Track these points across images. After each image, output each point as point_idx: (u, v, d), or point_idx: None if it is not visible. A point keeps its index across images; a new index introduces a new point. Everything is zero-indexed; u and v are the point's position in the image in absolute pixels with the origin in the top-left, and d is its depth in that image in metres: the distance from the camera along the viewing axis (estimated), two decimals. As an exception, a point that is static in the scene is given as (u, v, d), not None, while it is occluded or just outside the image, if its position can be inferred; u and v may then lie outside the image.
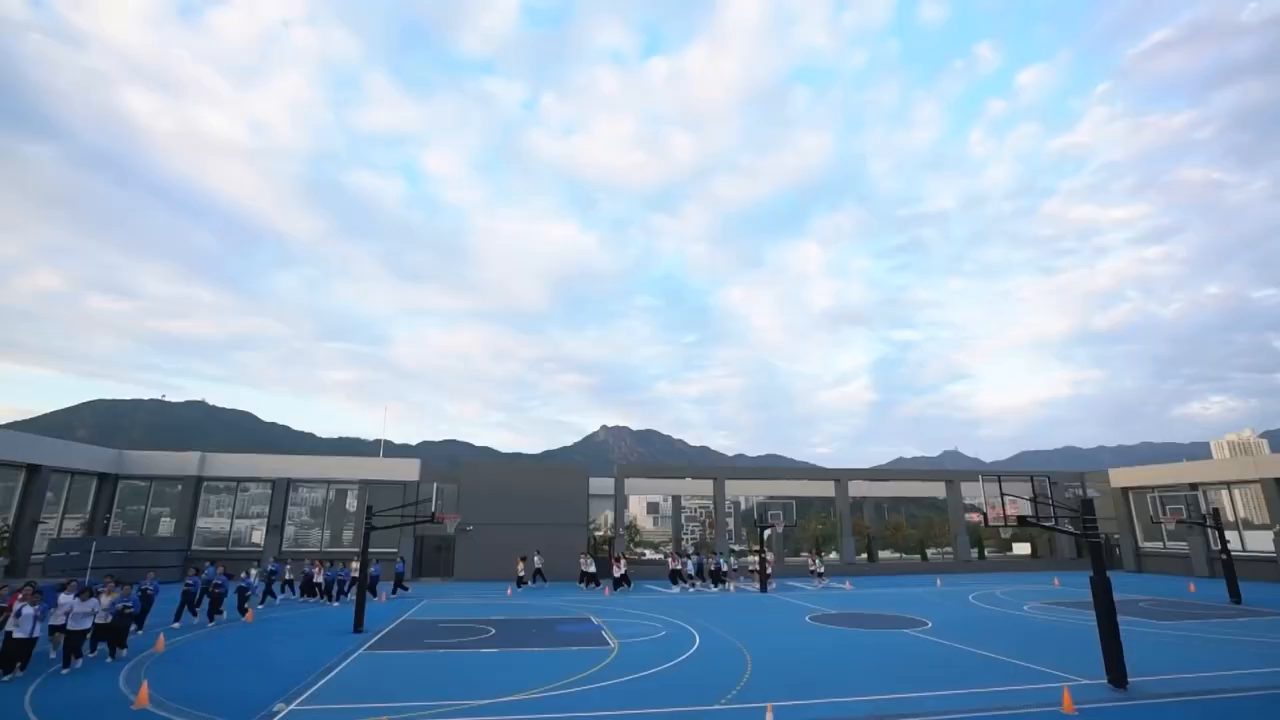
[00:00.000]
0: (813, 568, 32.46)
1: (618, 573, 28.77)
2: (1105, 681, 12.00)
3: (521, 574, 29.11)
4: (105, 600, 14.29)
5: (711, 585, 30.06)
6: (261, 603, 23.01)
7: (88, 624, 13.62)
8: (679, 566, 30.67)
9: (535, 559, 30.15)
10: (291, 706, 10.76)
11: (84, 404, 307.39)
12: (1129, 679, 11.91)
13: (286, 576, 25.08)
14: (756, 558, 31.91)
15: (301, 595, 25.01)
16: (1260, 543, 31.89)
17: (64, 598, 13.83)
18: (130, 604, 15.08)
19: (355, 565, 24.76)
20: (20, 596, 13.21)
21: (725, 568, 30.98)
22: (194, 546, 32.24)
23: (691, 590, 28.91)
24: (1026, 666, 13.61)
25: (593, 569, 29.38)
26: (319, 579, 24.80)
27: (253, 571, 22.53)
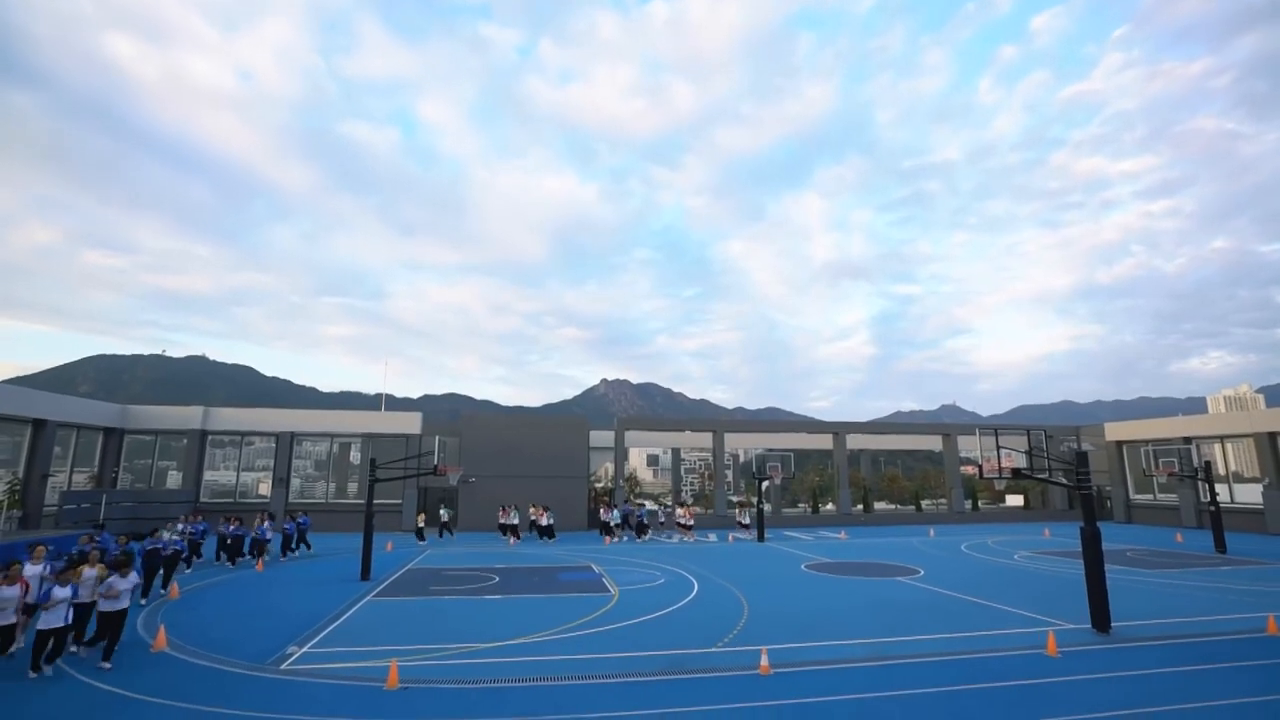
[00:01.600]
0: (741, 519, 31.82)
1: (545, 521, 28.46)
2: (1089, 626, 12.42)
3: (421, 525, 28.10)
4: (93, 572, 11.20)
5: (636, 536, 29.80)
6: (190, 568, 19.80)
7: (126, 603, 10.81)
8: (608, 518, 30.00)
9: (442, 513, 29.46)
10: (304, 649, 11.16)
11: (85, 359, 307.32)
12: (1112, 624, 12.33)
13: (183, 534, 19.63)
14: (682, 510, 31.85)
15: (219, 557, 21.34)
16: (1249, 495, 32.47)
17: (30, 569, 11.06)
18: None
19: (268, 523, 22.38)
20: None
21: (645, 520, 30.91)
22: (202, 499, 32.85)
23: (617, 542, 28.48)
24: (1014, 612, 14.05)
25: (515, 521, 28.90)
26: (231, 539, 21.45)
27: (164, 534, 18.49)
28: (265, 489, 34.72)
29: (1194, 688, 9.21)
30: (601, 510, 31.04)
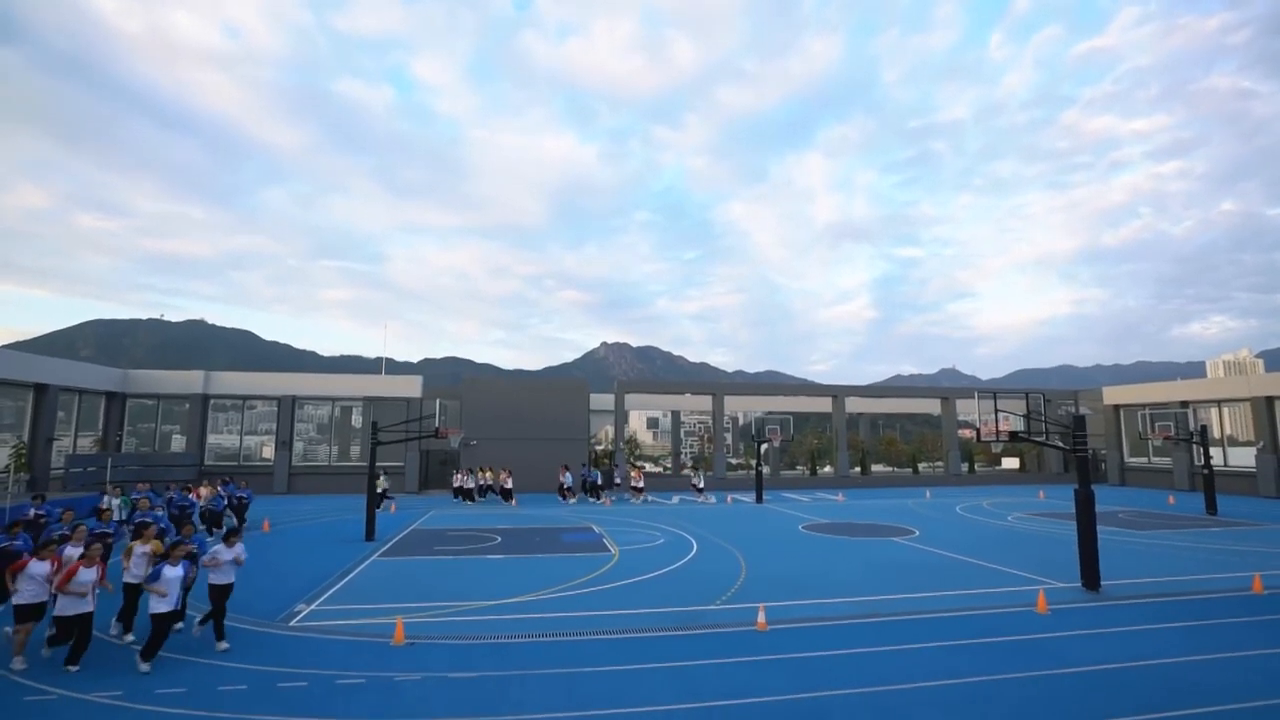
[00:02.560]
0: (695, 482, 32.06)
1: (508, 485, 28.56)
2: (1079, 585, 12.69)
3: (380, 492, 26.37)
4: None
5: (589, 498, 29.75)
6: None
7: (231, 577, 9.77)
8: (562, 480, 29.63)
9: (381, 479, 27.40)
10: (312, 607, 11.43)
11: (84, 324, 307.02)
12: (1101, 583, 12.60)
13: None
14: (634, 473, 31.66)
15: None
16: (1242, 458, 32.80)
17: (70, 550, 9.51)
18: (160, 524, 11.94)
19: (204, 491, 20.17)
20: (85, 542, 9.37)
21: (600, 481, 30.72)
22: (206, 462, 33.19)
23: (574, 503, 28.46)
24: (1007, 571, 14.34)
25: (471, 484, 28.87)
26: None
27: (113, 502, 16.54)
28: (269, 452, 35.06)
29: (1178, 643, 9.46)
30: (561, 473, 30.34)
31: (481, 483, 29.41)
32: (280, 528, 21.27)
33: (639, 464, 35.01)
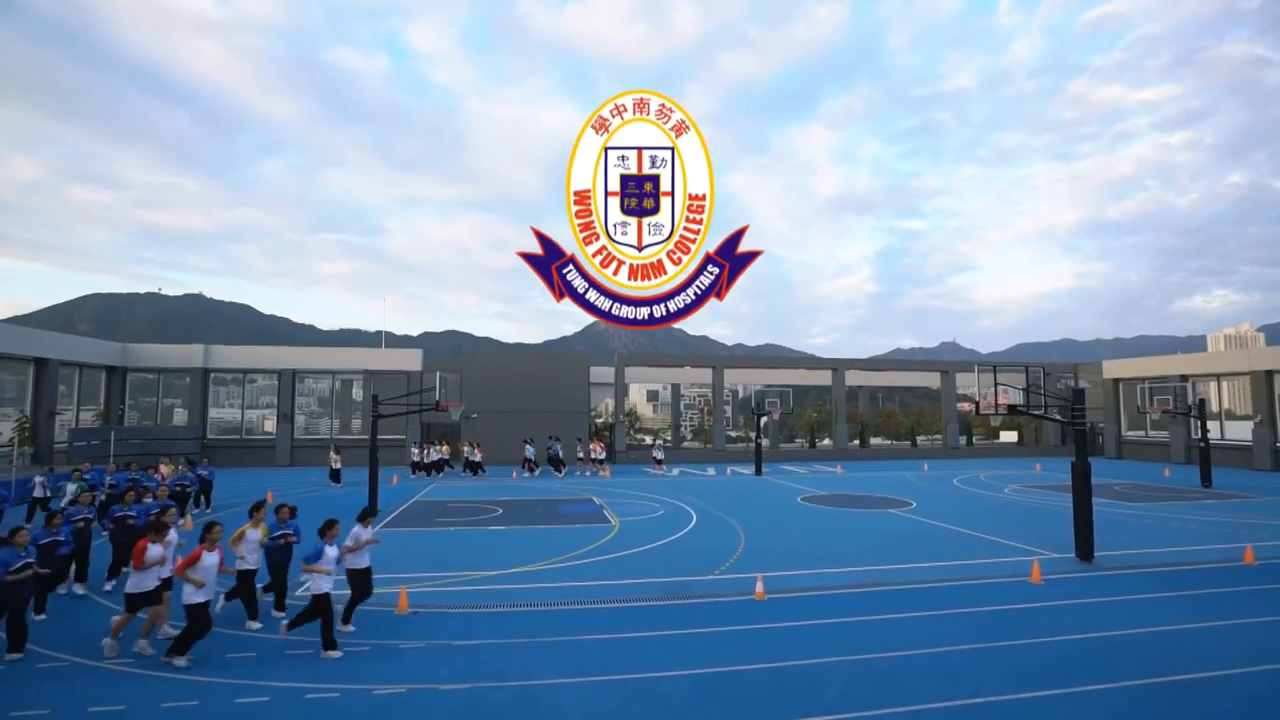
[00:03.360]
0: (655, 455, 31.61)
1: (477, 458, 28.62)
2: (1074, 556, 12.86)
3: (337, 465, 26.14)
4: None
5: (554, 471, 29.73)
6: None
7: (367, 560, 9.38)
8: (526, 454, 29.44)
9: (333, 458, 26.66)
10: (316, 578, 11.56)
11: (82, 298, 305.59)
12: (1095, 553, 12.76)
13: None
14: (594, 444, 31.39)
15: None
16: (1239, 432, 32.97)
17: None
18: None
19: (165, 470, 18.19)
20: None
21: (561, 454, 30.59)
22: (209, 435, 33.37)
23: (529, 476, 28.51)
24: (1002, 542, 14.51)
25: (435, 458, 29.03)
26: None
27: (38, 480, 15.30)
28: (270, 425, 35.25)
29: (1169, 613, 9.60)
30: (526, 444, 29.95)
31: (440, 456, 29.36)
32: (283, 500, 21.42)
33: (597, 436, 34.08)
